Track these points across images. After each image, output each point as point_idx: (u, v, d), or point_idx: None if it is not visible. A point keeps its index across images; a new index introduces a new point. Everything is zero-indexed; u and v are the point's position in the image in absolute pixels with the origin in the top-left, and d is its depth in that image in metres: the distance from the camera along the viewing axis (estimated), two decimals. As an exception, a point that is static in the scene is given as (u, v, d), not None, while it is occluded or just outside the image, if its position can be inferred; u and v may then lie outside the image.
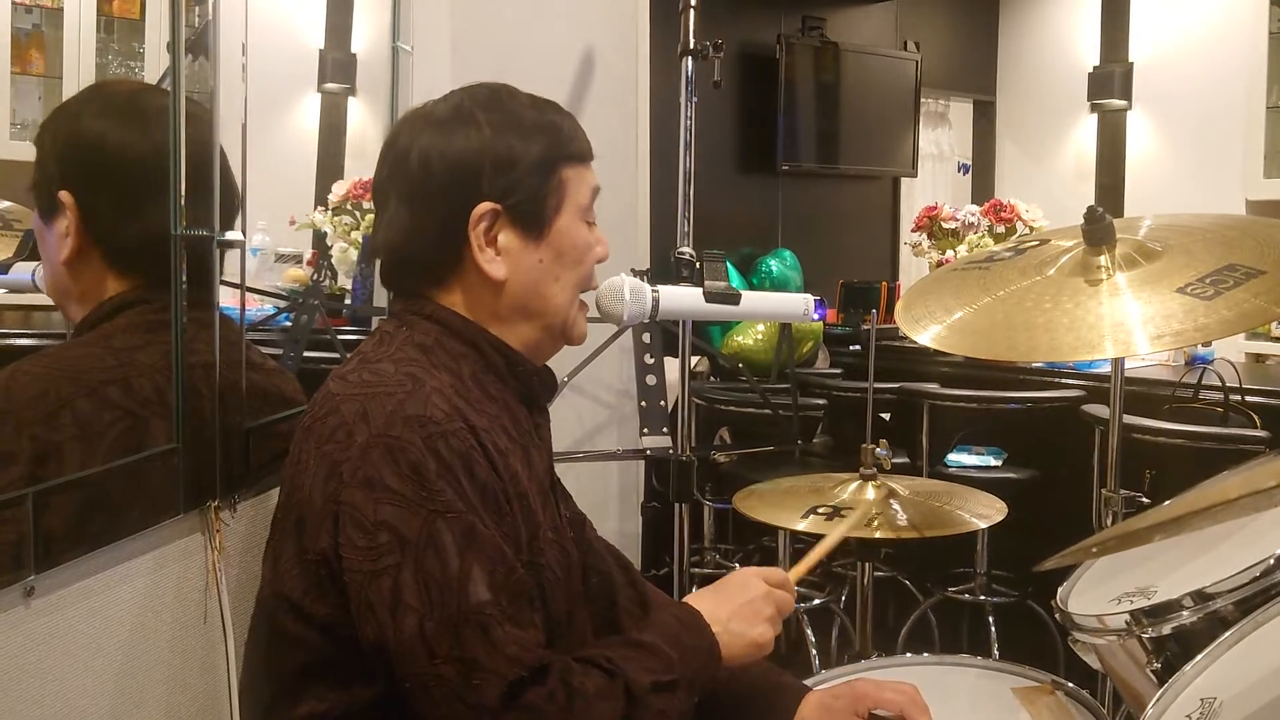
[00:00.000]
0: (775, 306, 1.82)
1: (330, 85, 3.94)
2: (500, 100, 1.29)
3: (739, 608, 1.27)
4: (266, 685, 1.23)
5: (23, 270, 1.68)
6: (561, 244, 1.29)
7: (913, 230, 4.64)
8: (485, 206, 1.24)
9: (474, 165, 1.24)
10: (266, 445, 1.38)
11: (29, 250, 1.79)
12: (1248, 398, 3.05)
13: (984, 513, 1.98)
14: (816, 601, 3.54)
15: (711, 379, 4.07)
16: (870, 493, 2.00)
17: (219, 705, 1.32)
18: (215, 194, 1.30)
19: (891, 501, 1.98)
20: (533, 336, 1.31)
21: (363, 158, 3.81)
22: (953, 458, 3.54)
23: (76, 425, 1.20)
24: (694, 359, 3.46)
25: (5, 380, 1.22)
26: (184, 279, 1.26)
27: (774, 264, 4.81)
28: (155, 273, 1.27)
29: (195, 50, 1.34)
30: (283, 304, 2.63)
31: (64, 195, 1.27)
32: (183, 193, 1.25)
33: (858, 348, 4.25)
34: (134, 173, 1.28)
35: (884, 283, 4.45)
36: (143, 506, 1.21)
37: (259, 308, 2.71)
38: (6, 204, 1.98)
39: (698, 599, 1.29)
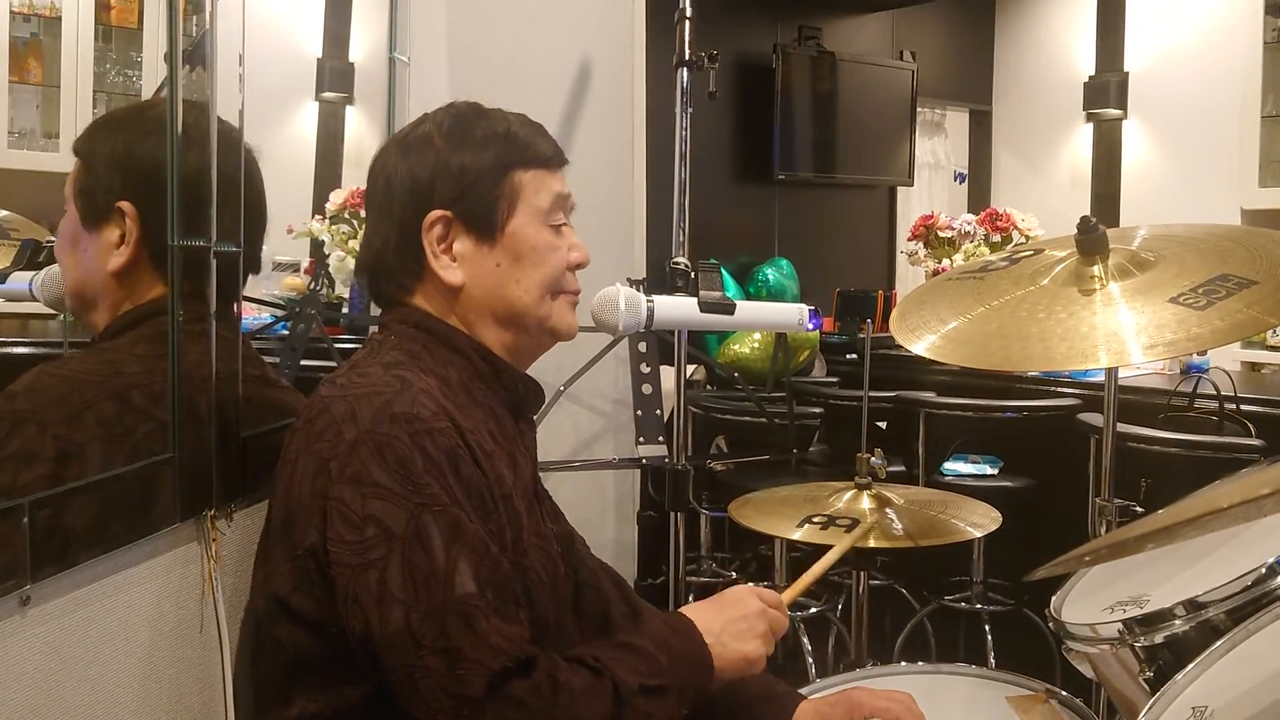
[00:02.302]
0: (770, 316, 1.82)
1: (328, 94, 3.94)
2: (459, 117, 1.33)
3: (732, 621, 1.28)
4: (258, 687, 1.24)
5: (20, 280, 1.69)
6: (518, 247, 1.31)
7: (909, 239, 4.65)
8: (435, 214, 1.29)
9: (426, 178, 1.29)
10: (263, 454, 1.39)
11: (26, 260, 1.80)
12: (1243, 406, 3.05)
13: (979, 522, 1.98)
14: (813, 610, 3.54)
15: (708, 387, 4.08)
16: (865, 502, 2.00)
17: (215, 713, 1.32)
18: (213, 205, 1.31)
19: (887, 510, 1.98)
20: (509, 339, 1.33)
21: (360, 167, 3.79)
22: (949, 466, 3.54)
23: (100, 427, 1.22)
24: (690, 368, 3.46)
25: (30, 382, 1.24)
26: (180, 289, 1.28)
27: (771, 273, 4.82)
28: (189, 283, 1.30)
29: (192, 60, 1.34)
30: (280, 312, 2.63)
31: (125, 205, 1.30)
32: (175, 204, 1.26)
33: (854, 356, 4.25)
34: (188, 188, 1.31)
35: (880, 291, 4.46)
36: (140, 515, 1.21)
37: (256, 316, 2.72)
38: (4, 213, 1.98)
39: (692, 611, 1.30)
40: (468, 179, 1.29)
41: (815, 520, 1.93)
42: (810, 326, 1.67)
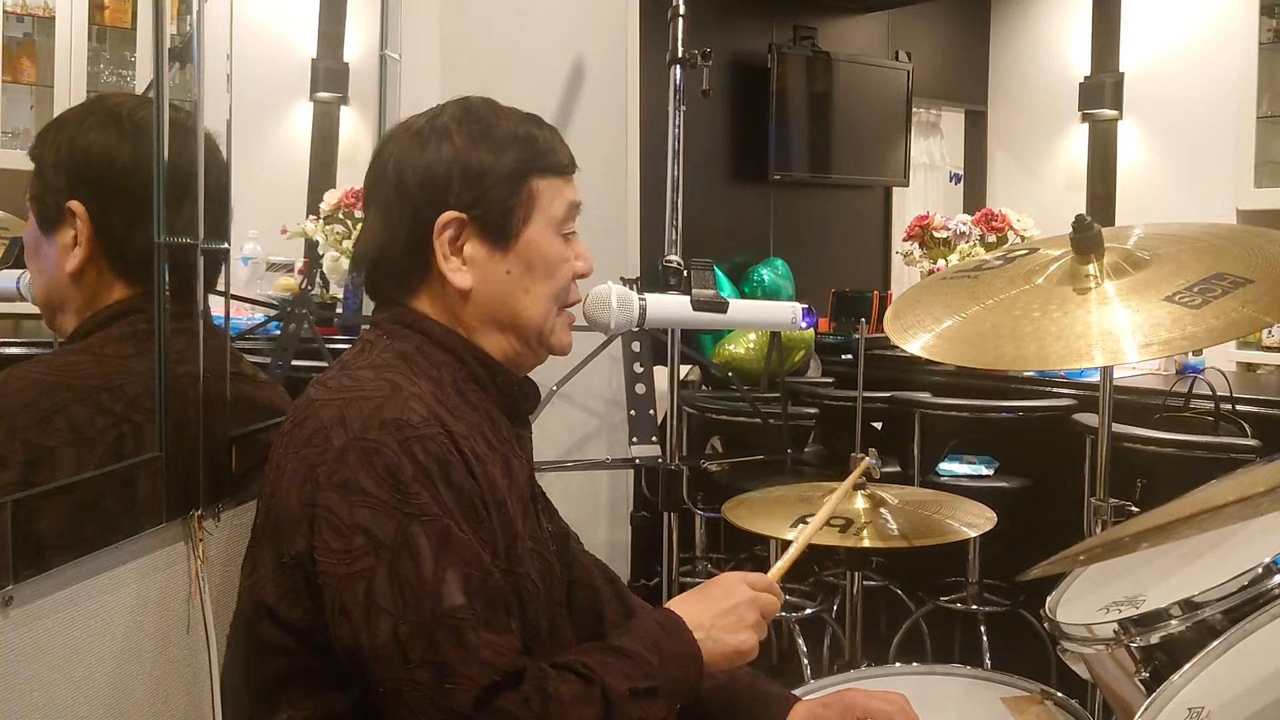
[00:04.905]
0: (764, 315, 1.82)
1: (322, 94, 3.93)
2: (477, 113, 1.29)
3: (722, 613, 1.27)
4: (244, 693, 1.22)
5: (8, 278, 1.68)
6: (530, 256, 1.28)
7: (904, 239, 4.64)
8: (450, 215, 1.25)
9: (443, 176, 1.25)
10: (251, 454, 1.38)
11: (14, 258, 1.79)
12: (1238, 406, 3.05)
13: (973, 522, 1.98)
14: (808, 611, 3.53)
15: (702, 388, 4.07)
16: (860, 502, 1.99)
17: (202, 715, 1.31)
18: (200, 202, 1.30)
19: (881, 510, 1.97)
20: (509, 347, 1.31)
21: (355, 166, 3.80)
22: (944, 466, 3.54)
23: (71, 431, 1.20)
24: (684, 368, 3.46)
25: None
26: (167, 287, 1.26)
27: (766, 272, 4.82)
28: (172, 281, 1.28)
29: (181, 59, 1.33)
30: (272, 312, 2.62)
31: (75, 205, 1.27)
32: (163, 200, 1.25)
33: (849, 356, 4.24)
34: (143, 184, 1.28)
35: (875, 291, 4.46)
36: (125, 515, 1.20)
37: (249, 316, 2.71)
38: (-2, 212, 1.97)
39: (680, 604, 1.28)
40: (487, 182, 1.25)
41: (808, 520, 1.92)
42: (804, 324, 1.66)
